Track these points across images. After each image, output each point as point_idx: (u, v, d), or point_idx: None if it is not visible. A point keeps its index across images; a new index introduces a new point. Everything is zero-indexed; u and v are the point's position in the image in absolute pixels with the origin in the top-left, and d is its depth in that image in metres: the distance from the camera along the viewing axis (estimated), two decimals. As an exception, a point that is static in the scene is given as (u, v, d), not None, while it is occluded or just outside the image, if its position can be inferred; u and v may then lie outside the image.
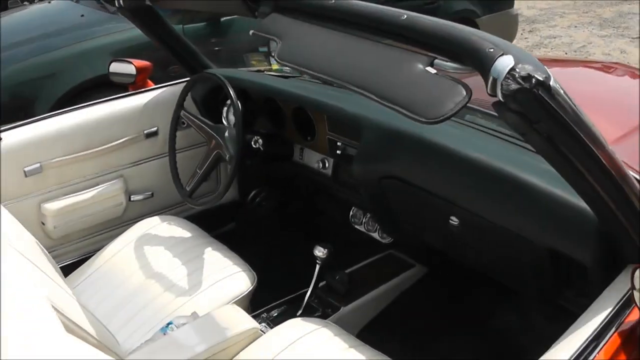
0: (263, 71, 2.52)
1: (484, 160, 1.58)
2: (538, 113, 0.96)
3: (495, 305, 2.18)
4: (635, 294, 1.15)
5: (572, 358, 1.10)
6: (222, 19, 4.04)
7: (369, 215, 2.31)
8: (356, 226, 2.37)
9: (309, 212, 2.77)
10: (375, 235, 2.30)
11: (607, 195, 1.13)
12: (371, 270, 2.24)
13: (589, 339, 1.14)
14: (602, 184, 1.11)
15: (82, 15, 3.95)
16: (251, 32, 1.40)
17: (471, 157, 1.60)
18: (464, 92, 0.99)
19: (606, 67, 2.73)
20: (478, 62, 0.97)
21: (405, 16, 1.10)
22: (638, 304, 1.15)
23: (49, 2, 4.49)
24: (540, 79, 0.92)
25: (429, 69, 1.05)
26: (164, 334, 1.69)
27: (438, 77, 1.03)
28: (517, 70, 0.92)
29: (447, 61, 1.06)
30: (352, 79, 1.11)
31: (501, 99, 0.94)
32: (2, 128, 2.04)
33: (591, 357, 1.11)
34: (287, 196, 2.75)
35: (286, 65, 1.26)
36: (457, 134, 1.72)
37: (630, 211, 1.17)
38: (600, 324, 1.17)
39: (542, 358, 1.14)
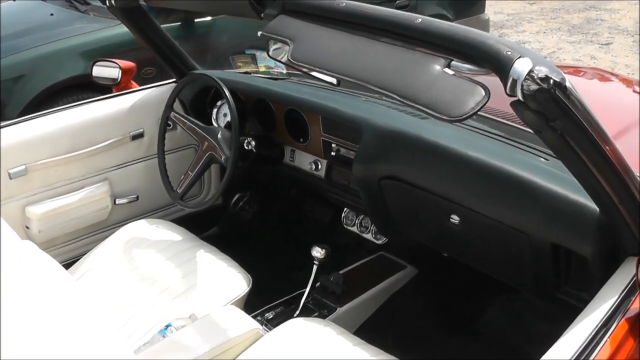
0: (250, 73, 2.51)
1: (484, 159, 1.61)
2: (554, 111, 1.00)
3: (485, 305, 2.22)
4: None
5: (584, 344, 1.14)
6: (197, 19, 3.99)
7: (362, 216, 2.32)
8: (348, 227, 2.38)
9: (292, 215, 2.76)
10: (369, 236, 2.31)
11: (611, 189, 1.18)
12: (364, 272, 2.25)
13: (599, 326, 1.18)
14: (607, 177, 1.15)
15: (52, 14, 3.82)
16: (259, 33, 1.38)
17: (471, 156, 1.63)
18: (483, 92, 1.02)
19: (586, 73, 2.83)
20: (496, 64, 1.00)
21: (420, 19, 1.11)
22: None
23: (14, 0, 4.35)
24: (557, 79, 0.97)
25: (446, 70, 1.07)
26: (163, 337, 1.66)
27: (457, 78, 1.05)
28: (535, 71, 0.96)
29: (462, 63, 1.08)
30: (373, 79, 1.11)
31: (521, 98, 0.98)
32: (-14, 129, 1.97)
33: (602, 342, 1.15)
34: (269, 200, 2.74)
35: (301, 67, 1.25)
36: (455, 134, 1.74)
37: (632, 204, 1.22)
38: (608, 310, 1.21)
39: (554, 346, 1.17)
